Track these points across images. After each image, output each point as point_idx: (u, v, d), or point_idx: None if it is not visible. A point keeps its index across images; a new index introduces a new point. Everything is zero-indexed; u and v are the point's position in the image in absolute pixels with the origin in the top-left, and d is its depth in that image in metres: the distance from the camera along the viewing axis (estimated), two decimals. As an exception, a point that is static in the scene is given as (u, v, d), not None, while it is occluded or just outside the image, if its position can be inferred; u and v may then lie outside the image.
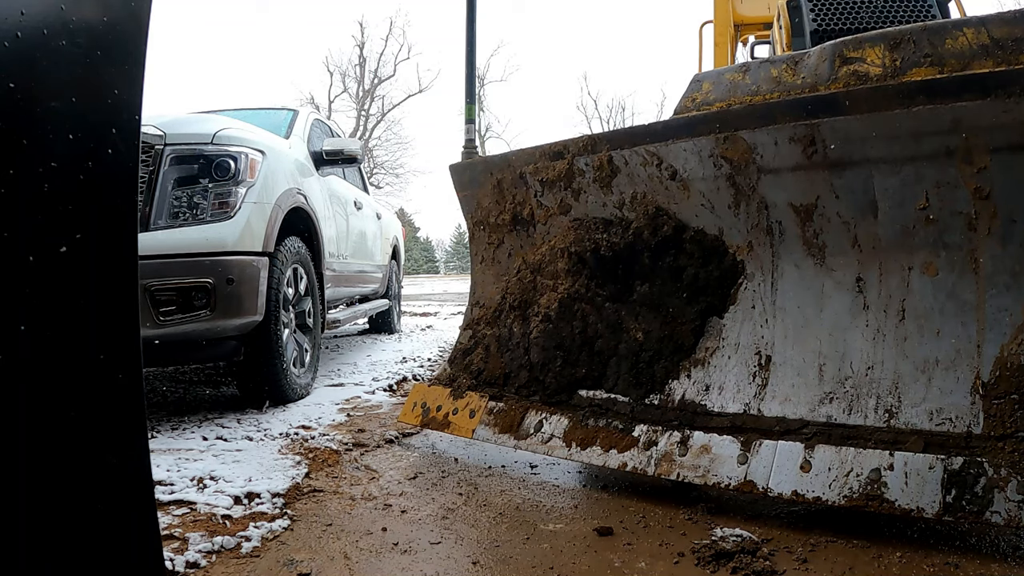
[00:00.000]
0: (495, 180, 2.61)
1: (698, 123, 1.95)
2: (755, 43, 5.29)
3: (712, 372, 2.00)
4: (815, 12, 3.57)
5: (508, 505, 1.94)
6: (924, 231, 1.69)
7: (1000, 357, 1.58)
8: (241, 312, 2.76)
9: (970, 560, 1.48)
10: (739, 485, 1.72)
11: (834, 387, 1.78)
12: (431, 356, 5.16)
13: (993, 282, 1.61)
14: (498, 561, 1.56)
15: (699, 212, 2.06)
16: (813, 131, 1.73)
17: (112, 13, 0.79)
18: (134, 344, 0.83)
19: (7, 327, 0.67)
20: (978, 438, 1.54)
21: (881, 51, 1.70)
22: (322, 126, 4.77)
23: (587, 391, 2.20)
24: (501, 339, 2.40)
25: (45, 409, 0.72)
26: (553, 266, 2.31)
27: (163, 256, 2.57)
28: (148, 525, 0.84)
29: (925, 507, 1.48)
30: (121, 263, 0.82)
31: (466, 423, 2.36)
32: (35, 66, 0.70)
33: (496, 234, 2.67)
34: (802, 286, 1.90)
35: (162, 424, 2.80)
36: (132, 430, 0.83)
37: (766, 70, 1.91)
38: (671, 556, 1.56)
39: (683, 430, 1.90)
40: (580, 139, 2.32)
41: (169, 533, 1.65)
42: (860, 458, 1.60)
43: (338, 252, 4.27)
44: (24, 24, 0.68)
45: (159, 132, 2.67)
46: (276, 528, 1.73)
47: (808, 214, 1.85)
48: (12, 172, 0.67)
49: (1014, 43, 1.53)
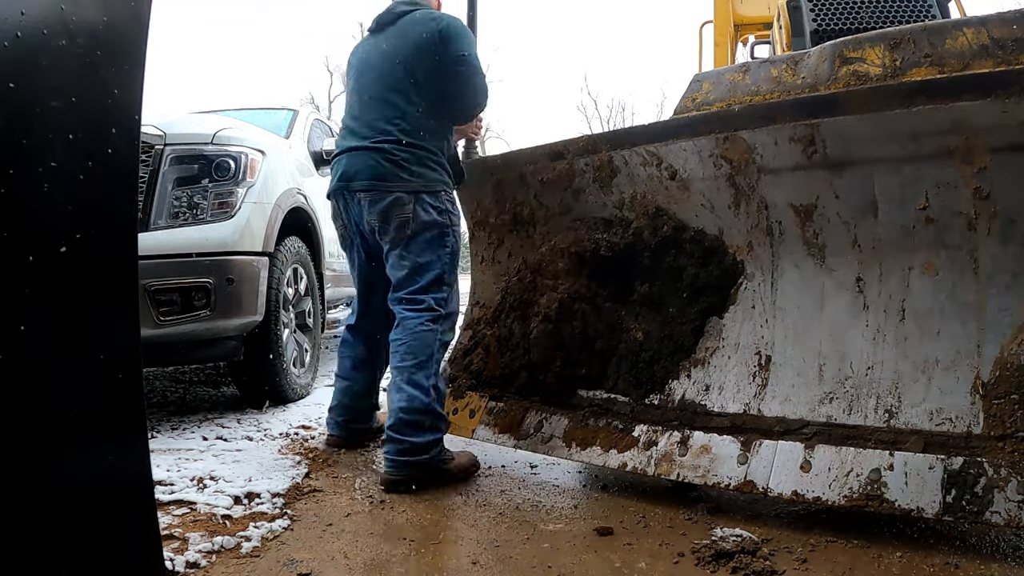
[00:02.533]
0: (495, 180, 2.61)
1: (698, 123, 1.95)
2: (755, 43, 5.29)
3: (712, 372, 2.00)
4: (815, 12, 3.57)
5: (508, 505, 1.94)
6: (924, 231, 1.69)
7: (1000, 357, 1.58)
8: (241, 312, 2.76)
9: (970, 560, 1.48)
10: (739, 485, 1.72)
11: (834, 387, 1.78)
12: (431, 356, 5.16)
13: (993, 282, 1.61)
14: (498, 561, 1.56)
15: (699, 212, 2.06)
16: (813, 131, 1.73)
17: (112, 13, 0.79)
18: (134, 344, 0.83)
19: (7, 327, 0.67)
20: (978, 438, 1.54)
21: (881, 51, 1.69)
22: (322, 126, 4.77)
23: (587, 391, 2.20)
24: (501, 339, 2.39)
25: (45, 409, 0.72)
26: (553, 266, 2.31)
27: (163, 256, 2.57)
28: (148, 525, 0.84)
29: (925, 507, 1.48)
30: (121, 263, 0.82)
31: (466, 423, 2.36)
32: (35, 66, 0.70)
33: (496, 234, 2.67)
34: (802, 286, 1.90)
35: (162, 424, 2.80)
36: (132, 430, 0.83)
37: (766, 70, 1.90)
38: (671, 556, 1.56)
39: (683, 430, 1.90)
40: (580, 139, 2.32)
41: (169, 533, 1.65)
42: (860, 458, 1.60)
43: (338, 252, 4.27)
44: (24, 24, 0.68)
45: (159, 132, 2.67)
46: (276, 528, 1.73)
47: (808, 214, 1.85)
48: (12, 172, 0.67)
49: (1014, 43, 1.53)
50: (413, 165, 2.18)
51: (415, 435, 2.04)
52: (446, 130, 2.32)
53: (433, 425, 2.10)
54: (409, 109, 2.20)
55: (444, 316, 2.21)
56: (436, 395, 2.13)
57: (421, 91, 2.20)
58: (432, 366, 2.14)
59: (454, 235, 2.25)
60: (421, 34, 2.19)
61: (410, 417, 2.05)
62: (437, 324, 2.18)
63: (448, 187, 2.28)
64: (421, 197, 2.17)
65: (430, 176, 2.21)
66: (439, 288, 2.21)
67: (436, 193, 2.21)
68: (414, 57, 2.19)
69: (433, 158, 2.23)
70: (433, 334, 2.16)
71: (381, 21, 2.34)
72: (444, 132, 2.30)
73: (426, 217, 2.17)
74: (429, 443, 2.07)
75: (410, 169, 2.17)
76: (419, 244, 2.18)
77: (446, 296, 2.23)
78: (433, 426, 2.10)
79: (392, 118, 2.20)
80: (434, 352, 2.16)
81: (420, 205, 2.16)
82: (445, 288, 2.23)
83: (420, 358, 2.11)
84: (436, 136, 2.25)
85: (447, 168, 2.29)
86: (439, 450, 2.11)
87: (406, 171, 2.17)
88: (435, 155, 2.24)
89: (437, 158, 2.25)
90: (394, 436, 2.04)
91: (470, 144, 2.77)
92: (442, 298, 2.21)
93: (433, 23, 2.21)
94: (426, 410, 2.08)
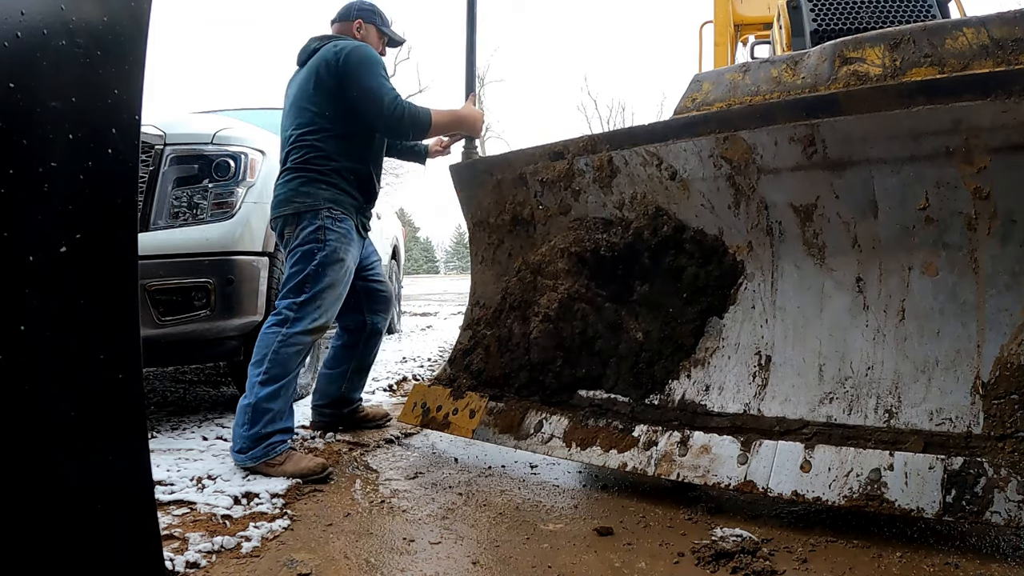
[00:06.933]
0: (495, 180, 2.61)
1: (698, 123, 1.95)
2: (755, 43, 5.29)
3: (712, 372, 2.00)
4: (815, 12, 3.57)
5: (508, 505, 1.94)
6: (924, 231, 1.69)
7: (1000, 357, 1.58)
8: (241, 312, 2.76)
9: (970, 560, 1.48)
10: (739, 485, 1.72)
11: (834, 387, 1.78)
12: (431, 356, 5.16)
13: (993, 282, 1.61)
14: (498, 561, 1.56)
15: (699, 212, 2.06)
16: (813, 131, 1.73)
17: (112, 13, 0.79)
18: (134, 344, 0.83)
19: (7, 327, 0.67)
20: (978, 438, 1.54)
21: (881, 51, 1.70)
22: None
23: (587, 391, 2.20)
24: (501, 339, 2.39)
25: (45, 409, 0.72)
26: (553, 266, 2.31)
27: (163, 256, 2.57)
28: (148, 525, 0.84)
29: (925, 507, 1.48)
30: (121, 263, 0.82)
31: (466, 423, 2.36)
32: (35, 66, 0.70)
33: (496, 234, 2.67)
34: (802, 286, 1.90)
35: (162, 424, 2.80)
36: (132, 430, 0.83)
37: (766, 70, 1.91)
38: (671, 556, 1.56)
39: (683, 430, 1.90)
40: (580, 139, 2.32)
41: (169, 533, 1.65)
42: (860, 458, 1.60)
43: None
44: (24, 24, 0.68)
45: (159, 132, 2.67)
46: (276, 528, 1.73)
47: (808, 214, 1.85)
48: (12, 172, 0.67)
49: (1014, 43, 1.53)
50: (302, 187, 2.37)
51: (238, 427, 2.18)
52: (348, 154, 2.43)
53: (254, 419, 2.17)
54: (311, 139, 2.39)
55: (292, 319, 2.28)
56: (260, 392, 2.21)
57: (321, 122, 2.39)
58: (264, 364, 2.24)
59: (328, 248, 2.33)
60: (320, 71, 2.37)
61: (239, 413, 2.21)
62: (282, 327, 2.27)
63: (336, 206, 2.38)
64: (303, 215, 2.34)
65: (317, 195, 2.36)
66: (297, 294, 2.30)
67: (318, 211, 2.34)
68: (315, 92, 2.39)
69: (324, 179, 2.38)
70: (273, 336, 2.26)
71: (300, 57, 2.56)
72: (346, 155, 2.43)
73: (302, 234, 2.33)
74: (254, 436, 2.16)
75: (299, 190, 2.36)
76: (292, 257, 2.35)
77: (301, 301, 2.29)
78: (253, 420, 2.17)
79: (292, 148, 2.41)
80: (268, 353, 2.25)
81: (299, 225, 2.34)
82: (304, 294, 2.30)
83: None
84: (334, 159, 2.40)
85: (343, 187, 2.42)
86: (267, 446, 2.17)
87: (296, 193, 2.36)
88: (327, 176, 2.39)
89: (329, 179, 2.39)
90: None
91: (470, 144, 2.77)
92: (296, 302, 2.29)
93: (334, 58, 2.36)
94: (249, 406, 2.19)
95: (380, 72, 2.39)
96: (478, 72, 3.19)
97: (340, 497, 2.01)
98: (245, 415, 2.17)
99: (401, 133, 2.49)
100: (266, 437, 2.16)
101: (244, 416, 2.17)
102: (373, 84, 2.34)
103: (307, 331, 2.28)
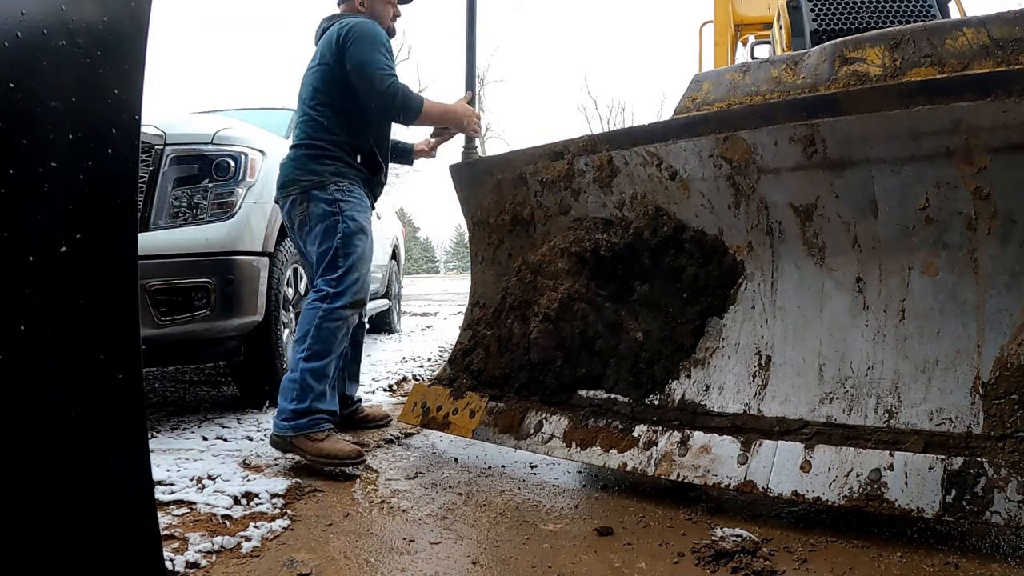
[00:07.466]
0: (495, 180, 2.61)
1: (698, 123, 1.95)
2: (755, 43, 5.29)
3: (712, 372, 2.00)
4: (815, 12, 3.57)
5: (508, 505, 1.94)
6: (924, 231, 1.69)
7: (1000, 357, 1.58)
8: (241, 312, 2.76)
9: (970, 560, 1.48)
10: (739, 485, 1.72)
11: (834, 387, 1.78)
12: (431, 356, 5.16)
13: (993, 282, 1.61)
14: (498, 561, 1.56)
15: (699, 212, 2.06)
16: (813, 131, 1.72)
17: (112, 13, 0.79)
18: (134, 344, 0.83)
19: (7, 327, 0.67)
20: (978, 438, 1.54)
21: (881, 51, 1.70)
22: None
23: (587, 391, 2.20)
24: (501, 339, 2.39)
25: (45, 409, 0.72)
26: (553, 266, 2.31)
27: (163, 256, 2.57)
28: (148, 525, 0.84)
29: (925, 507, 1.48)
30: (121, 263, 0.82)
31: (466, 423, 2.36)
32: (35, 66, 0.70)
33: (496, 234, 2.67)
34: (802, 286, 1.90)
35: (162, 424, 2.80)
36: (132, 430, 0.83)
37: (766, 70, 1.91)
38: (671, 556, 1.56)
39: (683, 430, 1.90)
40: (580, 139, 2.32)
41: (169, 533, 1.65)
42: (860, 458, 1.60)
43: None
44: (24, 24, 0.68)
45: (159, 132, 2.67)
46: (276, 528, 1.73)
47: (808, 214, 1.85)
48: (12, 172, 0.67)
49: (1014, 43, 1.53)
50: (308, 163, 2.40)
51: (286, 402, 2.24)
52: (349, 129, 2.45)
53: (302, 395, 2.22)
54: (313, 114, 2.43)
55: (332, 295, 2.31)
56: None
57: (321, 97, 2.43)
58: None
59: (346, 219, 2.36)
60: (324, 48, 2.43)
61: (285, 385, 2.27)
62: (323, 303, 2.30)
63: (342, 178, 2.39)
64: (312, 194, 2.36)
65: (322, 171, 2.38)
66: (333, 270, 2.32)
67: (325, 186, 2.36)
68: (319, 69, 2.43)
69: (327, 153, 2.41)
70: (315, 311, 2.29)
71: (315, 38, 2.59)
72: (347, 130, 2.45)
73: (316, 213, 2.36)
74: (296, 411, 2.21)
75: (304, 167, 2.40)
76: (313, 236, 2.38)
77: (339, 276, 2.33)
78: (302, 395, 2.22)
79: (302, 125, 2.46)
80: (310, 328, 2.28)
81: (309, 203, 2.36)
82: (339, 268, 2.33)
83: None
84: (335, 133, 2.43)
85: (347, 160, 2.44)
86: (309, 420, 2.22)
87: (301, 171, 2.40)
88: (329, 150, 2.41)
89: (332, 152, 2.42)
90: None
91: (470, 144, 2.77)
92: (333, 278, 2.31)
93: (336, 34, 2.39)
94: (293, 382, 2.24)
95: (379, 48, 2.38)
96: (478, 72, 3.18)
97: (340, 497, 2.01)
98: (293, 390, 2.22)
99: (392, 114, 2.48)
100: (313, 412, 2.21)
101: (292, 391, 2.22)
102: (367, 59, 2.35)
103: (348, 304, 2.31)
